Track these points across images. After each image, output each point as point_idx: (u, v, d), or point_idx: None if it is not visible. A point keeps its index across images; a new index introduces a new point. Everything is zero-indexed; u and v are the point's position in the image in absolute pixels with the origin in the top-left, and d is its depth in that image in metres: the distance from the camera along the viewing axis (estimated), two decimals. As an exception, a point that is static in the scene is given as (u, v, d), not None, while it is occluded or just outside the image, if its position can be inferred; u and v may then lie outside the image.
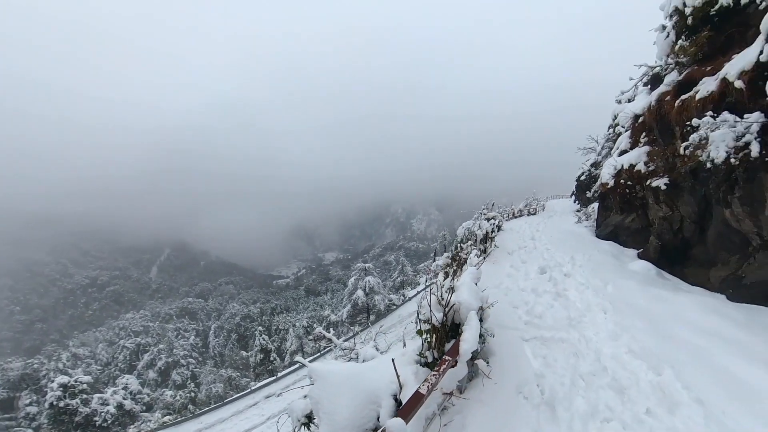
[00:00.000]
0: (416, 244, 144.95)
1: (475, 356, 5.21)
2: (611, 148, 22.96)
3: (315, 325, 50.93)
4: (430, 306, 4.91)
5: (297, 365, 32.60)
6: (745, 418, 3.95)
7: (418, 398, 3.63)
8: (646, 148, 11.91)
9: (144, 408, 31.92)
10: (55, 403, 26.78)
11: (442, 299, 4.94)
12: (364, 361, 9.90)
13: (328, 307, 67.54)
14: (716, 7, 8.85)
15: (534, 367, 5.61)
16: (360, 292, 39.65)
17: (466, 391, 5.10)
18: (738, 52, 7.59)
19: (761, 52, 6.62)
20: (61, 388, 27.16)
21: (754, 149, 6.70)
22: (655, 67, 13.00)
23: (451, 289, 5.44)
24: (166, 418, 29.55)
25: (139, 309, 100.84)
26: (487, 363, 5.59)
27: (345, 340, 15.33)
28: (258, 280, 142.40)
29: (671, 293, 7.81)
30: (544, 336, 6.61)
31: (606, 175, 14.13)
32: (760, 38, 6.87)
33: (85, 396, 27.62)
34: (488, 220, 17.94)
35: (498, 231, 19.45)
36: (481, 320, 5.82)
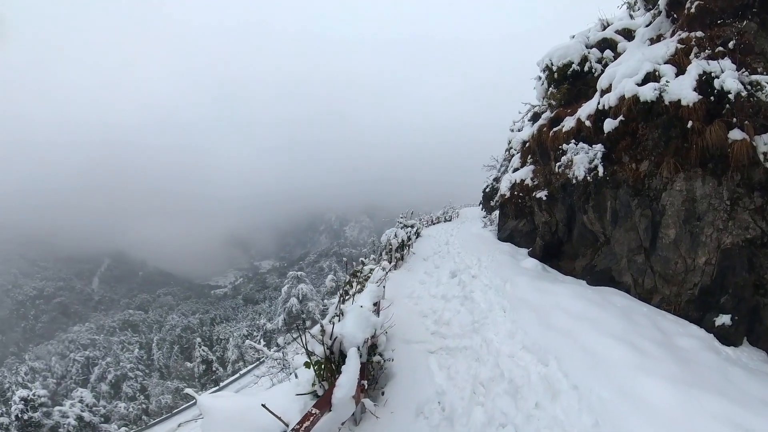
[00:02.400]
0: (350, 249, 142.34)
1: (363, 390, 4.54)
2: (507, 166, 25.03)
3: (254, 334, 49.08)
4: (314, 337, 4.22)
5: (237, 376, 31.84)
6: (605, 391, 4.34)
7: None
8: (532, 167, 13.17)
9: (102, 420, 30.75)
10: (19, 415, 25.75)
11: (323, 331, 4.14)
12: (295, 370, 9.88)
13: (265, 316, 65.13)
14: (570, 70, 11.27)
15: (437, 383, 5.19)
16: (294, 300, 37.94)
17: (361, 424, 4.53)
18: (585, 102, 9.54)
19: (598, 103, 8.42)
20: (22, 402, 26.06)
21: (600, 171, 8.11)
22: (536, 106, 15.21)
23: (339, 316, 4.81)
24: (122, 430, 28.68)
25: (85, 321, 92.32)
26: (382, 393, 5.09)
27: (277, 350, 14.81)
28: (196, 290, 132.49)
29: (551, 284, 8.23)
30: (449, 346, 6.29)
31: (504, 187, 15.27)
32: (597, 94, 8.82)
33: (45, 409, 26.78)
34: (407, 227, 17.65)
35: (417, 237, 19.22)
36: (374, 347, 5.32)
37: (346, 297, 6.23)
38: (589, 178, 8.42)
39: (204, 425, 3.02)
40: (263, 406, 2.96)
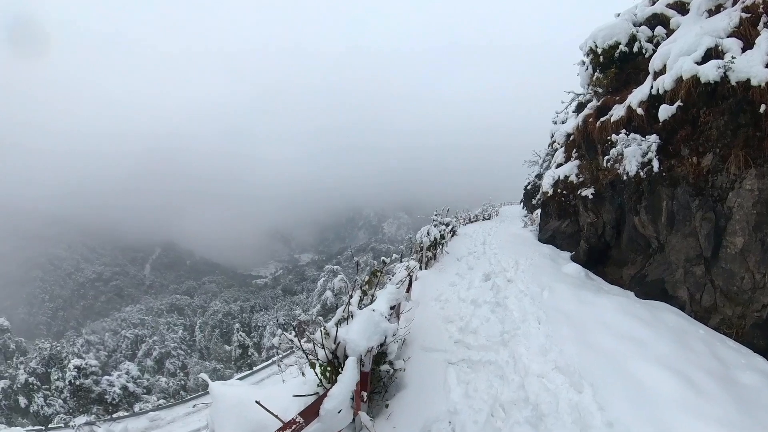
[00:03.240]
0: (387, 246, 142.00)
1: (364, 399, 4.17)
2: (550, 162, 23.74)
3: (291, 322, 50.36)
4: (314, 341, 4.08)
5: (270, 361, 32.65)
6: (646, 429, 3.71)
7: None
8: (577, 162, 12.20)
9: (144, 391, 32.92)
10: (72, 381, 29.01)
11: (328, 334, 3.95)
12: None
13: (301, 307, 66.54)
14: (617, 52, 10.17)
15: (451, 400, 4.65)
16: (329, 293, 38.43)
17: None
18: (635, 88, 8.40)
19: (651, 87, 7.35)
20: (76, 369, 29.32)
21: (655, 165, 7.01)
22: (580, 95, 13.90)
23: (345, 318, 4.39)
24: (161, 401, 30.72)
25: (136, 303, 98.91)
26: (386, 405, 4.64)
27: (306, 341, 14.73)
28: (238, 279, 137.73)
29: (594, 295, 7.48)
30: (472, 358, 5.66)
31: (546, 184, 14.20)
32: (649, 77, 7.69)
33: (95, 377, 29.58)
34: (441, 225, 16.71)
35: (452, 236, 18.35)
36: (384, 355, 4.79)
37: (363, 297, 5.43)
38: (642, 174, 7.34)
39: (212, 411, 3.16)
40: (257, 402, 2.92)
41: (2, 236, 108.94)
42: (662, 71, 7.12)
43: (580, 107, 14.37)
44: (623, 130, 7.85)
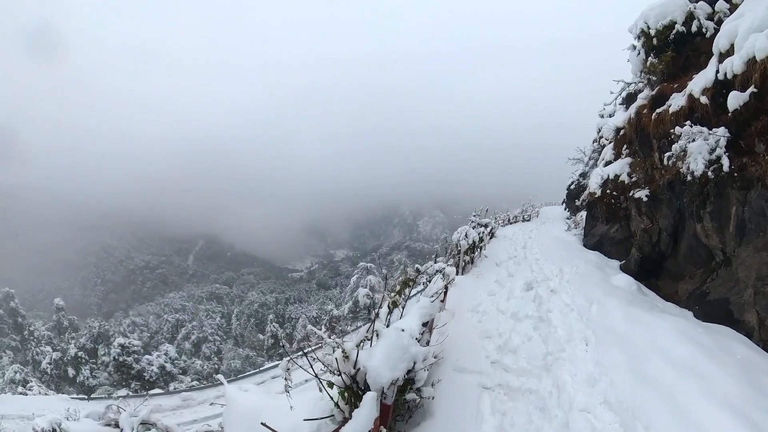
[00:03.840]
0: (422, 244, 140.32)
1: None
2: (597, 159, 21.93)
3: (323, 317, 50.86)
4: (329, 367, 3.62)
5: (300, 353, 32.99)
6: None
7: None
8: (629, 159, 11.05)
9: (180, 371, 35.38)
10: (116, 357, 31.93)
11: (347, 356, 3.42)
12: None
13: (334, 302, 67.25)
14: (672, 33, 9.06)
15: None
16: (361, 290, 37.91)
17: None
18: (695, 73, 7.39)
19: (717, 72, 6.39)
20: (120, 347, 32.44)
21: (725, 163, 5.96)
22: (630, 84, 12.41)
23: (369, 339, 3.87)
24: (194, 383, 32.45)
25: (179, 290, 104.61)
26: None
27: (335, 337, 14.13)
28: (275, 272, 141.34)
29: (648, 314, 6.65)
30: (510, 384, 5.02)
31: (594, 184, 12.96)
32: (713, 60, 6.70)
33: (136, 356, 32.60)
34: (479, 227, 15.66)
35: (491, 238, 17.21)
36: (411, 382, 4.19)
37: (393, 309, 4.78)
38: (709, 173, 6.26)
39: (225, 413, 3.22)
40: (263, 424, 2.71)
41: (63, 227, 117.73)
42: (729, 52, 6.14)
43: (631, 98, 13.05)
44: (687, 122, 6.77)
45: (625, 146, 11.55)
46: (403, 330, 3.85)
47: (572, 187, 27.98)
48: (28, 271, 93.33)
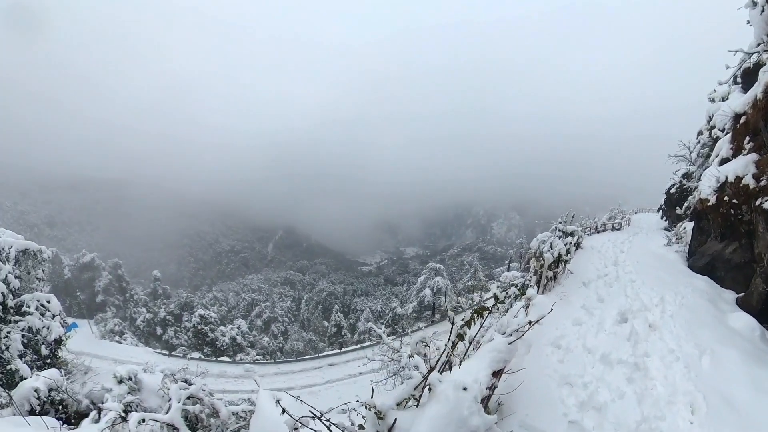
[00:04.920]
0: (494, 247, 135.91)
1: None
2: (707, 156, 18.18)
3: (386, 313, 51.23)
4: (370, 421, 2.76)
5: (358, 347, 34.53)
6: None
7: None
8: (753, 155, 8.42)
9: (248, 345, 38.52)
10: (195, 325, 36.51)
11: (381, 416, 2.64)
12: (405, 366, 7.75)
13: (399, 299, 67.46)
14: None
15: None
16: (428, 291, 37.65)
17: None
18: None
19: None
20: (199, 317, 36.73)
21: None
22: (753, 54, 9.82)
23: (417, 397, 2.99)
24: (258, 357, 35.29)
25: (257, 273, 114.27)
26: None
27: (395, 338, 13.15)
28: (345, 264, 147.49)
29: None
30: None
31: (705, 188, 10.17)
32: None
33: (212, 326, 36.52)
34: (565, 236, 13.44)
35: (576, 249, 14.81)
36: None
37: (456, 344, 3.73)
38: None
39: (253, 420, 3.04)
40: None
41: (166, 213, 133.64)
42: None
43: (750, 74, 10.18)
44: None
45: (747, 138, 8.96)
46: (465, 389, 2.94)
47: (673, 190, 24.54)
48: (135, 246, 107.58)
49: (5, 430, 5.42)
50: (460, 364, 3.74)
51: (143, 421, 5.50)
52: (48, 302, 16.12)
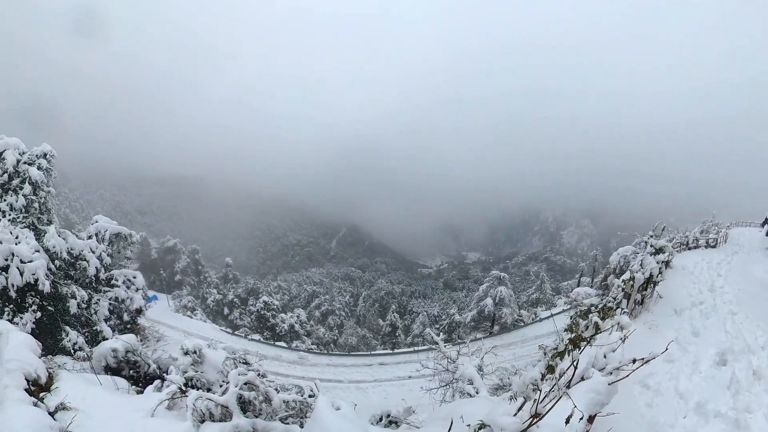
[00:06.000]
0: (563, 258, 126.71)
1: None
2: None
3: (443, 318, 50.61)
4: None
5: (411, 350, 34.91)
6: None
7: None
8: None
9: (305, 334, 40.95)
10: (259, 310, 39.96)
11: None
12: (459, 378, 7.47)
13: (457, 305, 66.39)
14: None
15: None
16: (489, 301, 35.86)
17: None
18: None
19: None
20: (263, 303, 40.16)
21: None
22: None
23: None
24: (312, 346, 37.16)
25: (320, 267, 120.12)
26: None
27: (452, 345, 13.13)
28: (405, 265, 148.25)
29: None
30: None
31: None
32: None
33: (274, 312, 39.71)
34: (656, 253, 11.75)
35: (666, 268, 12.66)
36: None
37: (545, 376, 3.55)
38: None
39: (310, 424, 3.25)
40: None
41: (240, 207, 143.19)
42: None
43: None
44: None
45: None
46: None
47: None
48: (211, 235, 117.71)
49: (78, 386, 6.33)
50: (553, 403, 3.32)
51: (200, 398, 6.16)
52: (134, 278, 18.43)
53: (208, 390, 8.06)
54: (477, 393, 8.95)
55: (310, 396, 8.64)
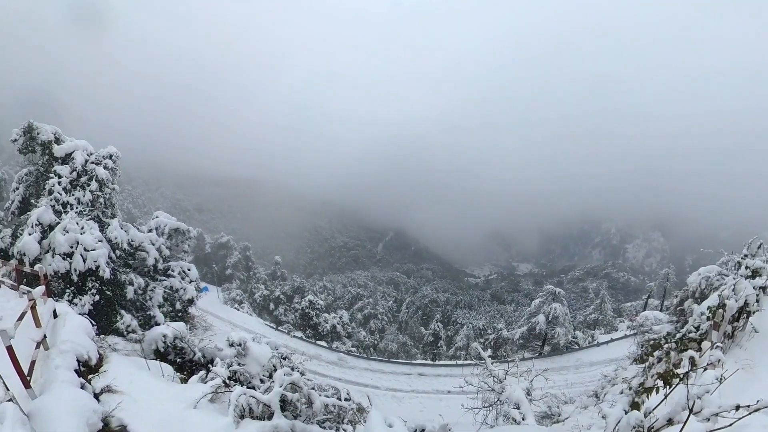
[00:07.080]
0: (627, 275, 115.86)
1: None
2: None
3: (489, 333, 48.66)
4: None
5: (453, 363, 34.15)
6: None
7: None
8: None
9: (346, 335, 41.71)
10: (303, 308, 41.34)
11: None
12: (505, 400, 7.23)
13: (505, 320, 64.03)
14: None
15: None
16: (541, 318, 33.12)
17: None
18: None
19: None
20: (308, 302, 41.48)
21: None
22: None
23: None
24: (352, 349, 37.14)
25: (365, 270, 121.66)
26: None
27: (499, 363, 12.60)
28: (452, 273, 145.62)
29: None
30: None
31: None
32: None
33: (318, 312, 40.86)
34: (751, 276, 9.24)
35: (763, 295, 10.28)
36: None
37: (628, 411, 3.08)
38: None
39: None
40: None
41: (290, 209, 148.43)
42: None
43: None
44: None
45: None
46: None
47: None
48: (262, 234, 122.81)
49: (126, 369, 6.71)
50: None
51: (244, 394, 6.29)
52: (189, 270, 19.52)
53: (249, 383, 8.24)
54: (523, 420, 8.44)
55: (346, 400, 8.55)
